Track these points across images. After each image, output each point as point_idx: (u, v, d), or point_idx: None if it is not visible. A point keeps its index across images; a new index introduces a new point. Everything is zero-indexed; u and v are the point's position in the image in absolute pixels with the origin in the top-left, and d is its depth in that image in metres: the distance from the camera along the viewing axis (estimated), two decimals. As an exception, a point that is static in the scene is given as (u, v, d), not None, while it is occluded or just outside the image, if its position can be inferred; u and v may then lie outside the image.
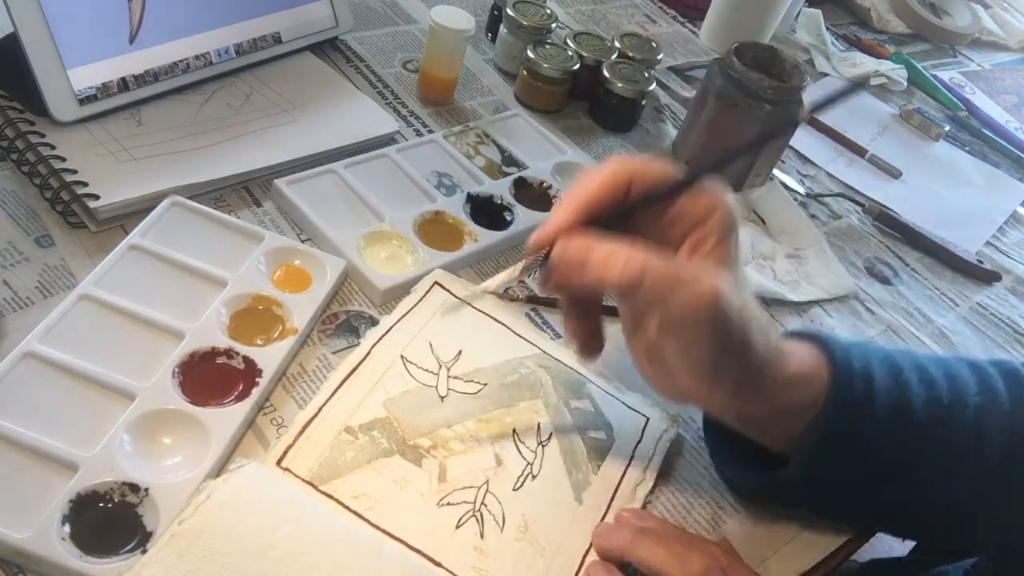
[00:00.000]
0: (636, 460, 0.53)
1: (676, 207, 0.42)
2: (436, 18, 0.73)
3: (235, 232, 0.59)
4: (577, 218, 0.42)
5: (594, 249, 0.40)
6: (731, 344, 0.41)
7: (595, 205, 0.42)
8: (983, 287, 0.85)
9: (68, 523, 0.41)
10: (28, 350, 0.47)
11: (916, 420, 0.46)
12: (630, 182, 0.42)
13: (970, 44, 1.36)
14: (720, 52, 1.04)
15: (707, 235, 0.41)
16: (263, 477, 0.45)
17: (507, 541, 0.47)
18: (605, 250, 0.40)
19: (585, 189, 0.42)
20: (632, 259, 0.39)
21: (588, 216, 0.42)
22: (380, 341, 0.54)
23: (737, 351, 0.41)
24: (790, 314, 0.71)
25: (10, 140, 0.58)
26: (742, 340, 0.41)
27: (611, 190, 0.42)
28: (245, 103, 0.69)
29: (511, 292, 0.63)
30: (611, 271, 0.40)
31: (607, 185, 0.42)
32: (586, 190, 0.42)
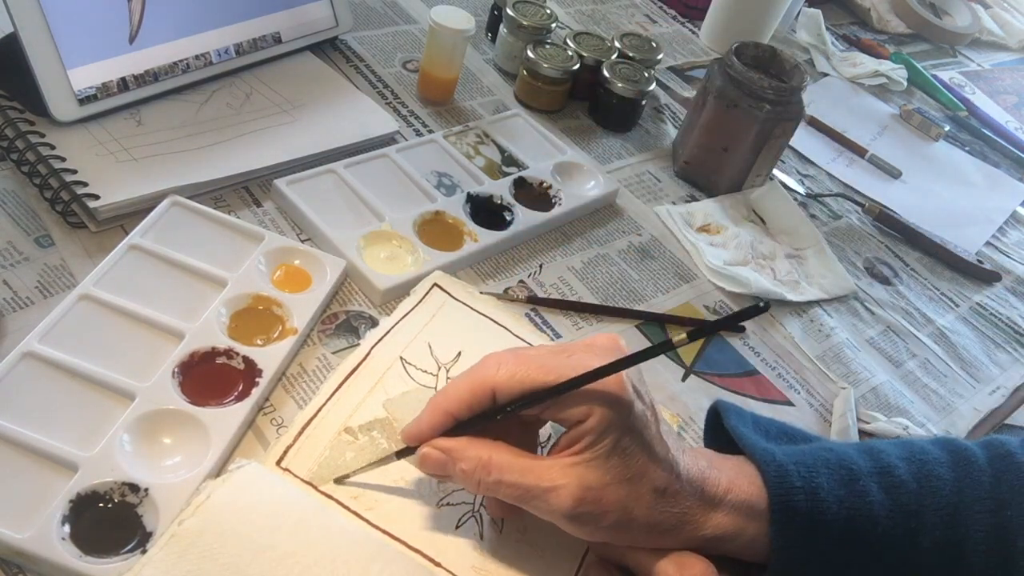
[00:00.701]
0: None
1: (552, 410, 0.42)
2: (436, 18, 0.73)
3: (235, 232, 0.59)
4: (435, 427, 0.44)
5: (450, 464, 0.43)
6: (611, 526, 0.42)
7: (455, 414, 0.43)
8: (983, 287, 0.85)
9: (68, 523, 0.41)
10: (28, 350, 0.47)
11: (879, 530, 0.44)
12: (493, 393, 0.42)
13: (970, 44, 1.36)
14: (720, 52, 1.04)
15: (581, 435, 0.42)
16: (263, 477, 0.45)
17: (507, 541, 0.47)
18: (460, 467, 0.42)
19: (446, 398, 0.43)
20: (483, 481, 0.42)
21: (448, 423, 0.44)
22: (380, 342, 0.54)
23: (624, 527, 0.42)
24: (790, 314, 0.71)
25: (10, 140, 0.58)
26: (624, 521, 0.42)
27: (471, 402, 0.43)
28: (245, 103, 0.69)
29: (511, 292, 0.63)
30: (469, 486, 0.43)
31: (466, 397, 0.43)
32: (447, 399, 0.43)
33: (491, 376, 0.42)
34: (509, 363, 0.42)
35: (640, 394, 0.43)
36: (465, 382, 0.43)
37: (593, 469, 0.41)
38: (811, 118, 1.00)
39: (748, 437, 0.47)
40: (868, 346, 0.72)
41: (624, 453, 0.42)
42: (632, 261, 0.71)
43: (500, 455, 0.42)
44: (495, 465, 0.42)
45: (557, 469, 0.42)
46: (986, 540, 0.45)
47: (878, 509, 0.45)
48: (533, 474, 0.42)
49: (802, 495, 0.44)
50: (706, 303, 0.69)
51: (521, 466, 0.42)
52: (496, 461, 0.42)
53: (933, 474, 0.46)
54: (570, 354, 0.43)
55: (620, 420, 0.41)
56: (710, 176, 0.81)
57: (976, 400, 0.70)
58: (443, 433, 0.44)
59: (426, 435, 0.44)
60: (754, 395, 0.63)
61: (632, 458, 0.42)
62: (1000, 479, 0.47)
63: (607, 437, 0.41)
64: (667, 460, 0.43)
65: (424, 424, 0.44)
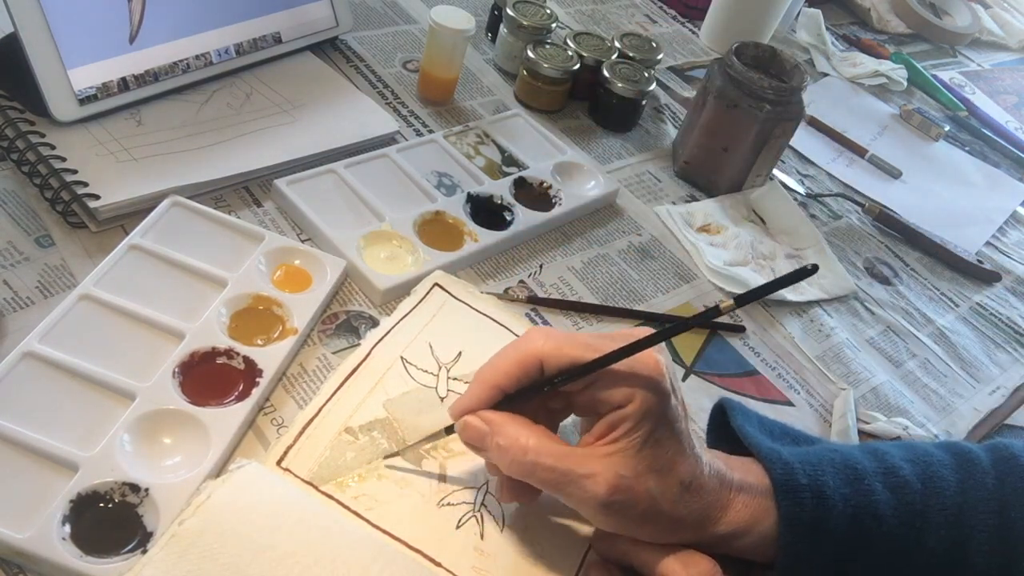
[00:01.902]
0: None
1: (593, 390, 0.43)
2: (436, 18, 0.73)
3: (235, 232, 0.59)
4: (484, 400, 0.44)
5: (488, 437, 0.43)
6: (638, 517, 0.42)
7: (503, 387, 0.43)
8: (983, 287, 0.85)
9: (68, 523, 0.41)
10: (28, 350, 0.47)
11: (884, 529, 0.45)
12: (541, 364, 0.43)
13: (970, 44, 1.36)
14: (720, 52, 1.04)
15: (620, 420, 0.42)
16: (263, 477, 0.45)
17: (507, 542, 0.47)
18: (497, 442, 0.42)
19: (494, 370, 0.44)
20: (518, 460, 0.42)
21: (496, 397, 0.44)
22: (380, 342, 0.54)
23: (650, 520, 0.43)
24: (790, 314, 0.71)
25: (10, 140, 0.58)
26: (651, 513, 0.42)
27: (519, 374, 0.43)
28: (245, 103, 0.69)
29: (511, 292, 0.63)
30: (502, 464, 0.43)
31: (514, 370, 0.43)
32: (495, 372, 0.44)
33: (538, 347, 0.42)
34: (555, 336, 0.43)
35: (675, 388, 0.44)
36: (513, 354, 0.43)
37: (628, 458, 0.42)
38: (811, 118, 1.00)
39: (754, 436, 0.48)
40: (868, 346, 0.72)
41: (657, 444, 0.42)
42: (632, 261, 0.71)
43: (539, 438, 0.42)
44: (532, 447, 0.42)
45: (593, 457, 0.42)
46: (990, 541, 0.45)
47: (883, 508, 0.45)
48: (570, 460, 0.42)
49: (808, 493, 0.44)
50: (706, 303, 0.69)
51: (559, 451, 0.42)
52: (534, 444, 0.42)
53: (937, 475, 0.47)
54: (611, 339, 0.44)
55: (659, 408, 0.42)
56: (710, 176, 0.81)
57: (976, 400, 0.70)
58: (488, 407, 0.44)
59: (471, 409, 0.44)
60: (754, 395, 0.63)
61: (664, 449, 0.42)
62: (1004, 481, 0.47)
63: (644, 426, 0.42)
64: (694, 455, 0.44)
65: (471, 397, 0.44)
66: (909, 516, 0.45)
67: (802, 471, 0.45)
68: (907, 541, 0.45)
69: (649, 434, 0.42)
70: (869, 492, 0.45)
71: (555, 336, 0.43)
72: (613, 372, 0.42)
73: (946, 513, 0.46)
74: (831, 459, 0.47)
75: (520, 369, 0.43)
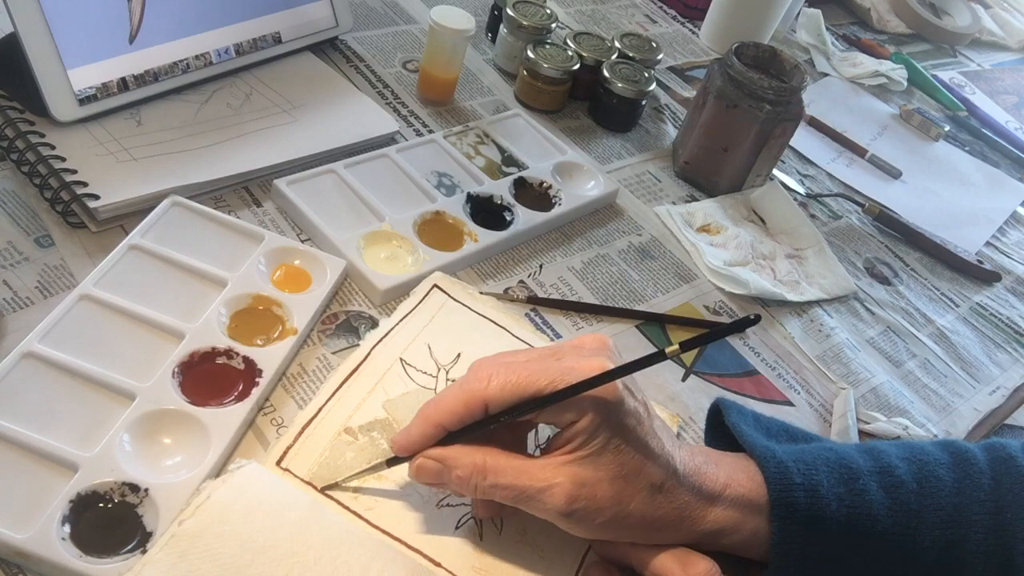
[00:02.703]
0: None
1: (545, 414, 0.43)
2: (436, 18, 0.73)
3: (235, 232, 0.59)
4: (428, 438, 0.44)
5: (445, 472, 0.43)
6: (607, 522, 0.42)
7: (447, 426, 0.43)
8: (983, 287, 0.85)
9: (68, 523, 0.41)
10: (28, 350, 0.47)
11: (878, 528, 0.45)
12: (485, 406, 0.43)
13: (970, 44, 1.36)
14: (720, 52, 1.04)
15: (574, 435, 0.42)
16: (263, 477, 0.45)
17: (506, 542, 0.47)
18: (456, 474, 0.43)
19: (438, 410, 0.43)
20: (480, 485, 0.42)
21: (440, 435, 0.44)
22: (380, 343, 0.54)
23: (623, 524, 0.43)
24: (790, 314, 0.71)
25: (10, 140, 0.58)
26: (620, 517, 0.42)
27: (463, 414, 0.43)
28: (245, 103, 0.69)
29: (511, 292, 0.63)
30: (465, 492, 0.43)
31: (459, 409, 0.43)
32: (439, 411, 0.43)
33: (482, 390, 0.42)
34: (500, 374, 0.42)
35: (631, 391, 0.44)
36: (457, 394, 0.43)
37: (586, 466, 0.42)
38: (811, 118, 1.00)
39: (748, 434, 0.47)
40: (868, 346, 0.72)
41: (617, 450, 0.42)
42: (632, 261, 0.71)
43: (494, 458, 0.42)
44: (490, 469, 0.42)
45: (551, 468, 0.42)
46: (986, 541, 0.45)
47: (878, 508, 0.45)
48: (527, 475, 0.42)
49: (802, 491, 0.44)
50: (706, 303, 0.69)
51: (515, 467, 0.42)
52: (491, 465, 0.42)
53: (933, 475, 0.47)
54: (559, 357, 0.43)
55: (611, 418, 0.42)
56: (710, 176, 0.81)
57: (976, 400, 0.70)
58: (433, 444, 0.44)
59: (417, 447, 0.44)
60: (754, 395, 0.63)
61: (625, 455, 0.42)
62: (1000, 482, 0.47)
63: (599, 435, 0.42)
64: (662, 455, 0.43)
65: (415, 435, 0.44)
66: (904, 516, 0.45)
67: (796, 470, 0.45)
68: (902, 541, 0.45)
69: (606, 442, 0.42)
70: (864, 491, 0.45)
71: (500, 374, 0.42)
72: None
73: (942, 513, 0.46)
74: (826, 458, 0.47)
75: (465, 409, 0.43)
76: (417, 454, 0.44)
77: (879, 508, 0.45)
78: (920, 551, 0.45)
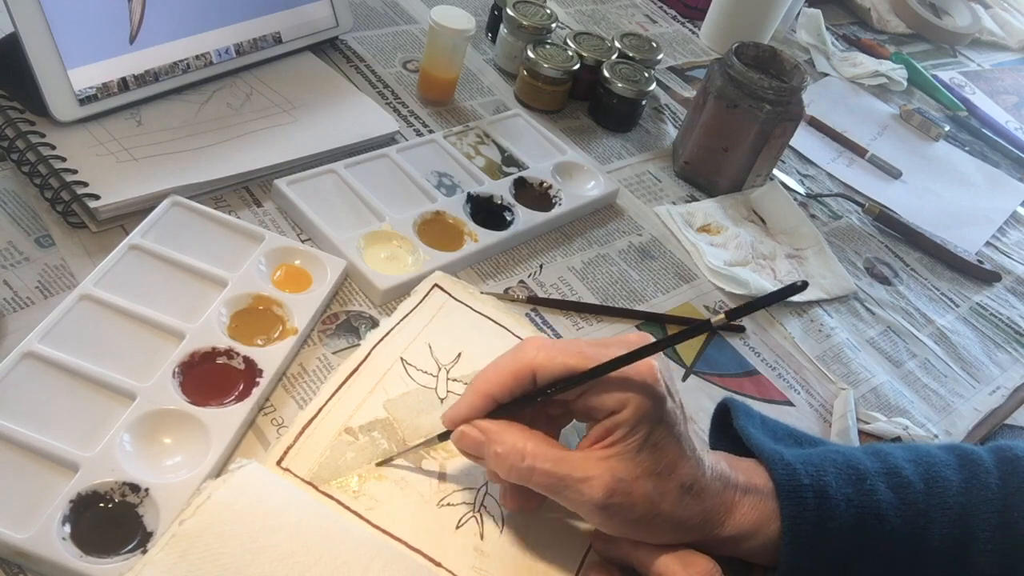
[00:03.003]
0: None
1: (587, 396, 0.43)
2: (436, 18, 0.73)
3: (235, 232, 0.59)
4: (477, 409, 0.44)
5: (485, 446, 0.43)
6: (638, 520, 0.42)
7: (496, 397, 0.44)
8: (983, 287, 0.85)
9: (68, 523, 0.41)
10: (28, 350, 0.47)
11: (887, 528, 0.45)
12: (534, 375, 0.43)
13: (970, 44, 1.36)
14: (720, 52, 1.04)
15: (615, 426, 0.42)
16: (263, 477, 0.45)
17: (507, 542, 0.47)
18: (495, 450, 0.43)
19: (488, 380, 0.44)
20: (516, 467, 0.42)
21: (489, 406, 0.44)
22: (380, 343, 0.54)
23: (651, 522, 0.43)
24: (790, 314, 0.71)
25: (10, 140, 0.58)
26: (650, 515, 0.42)
27: (512, 384, 0.43)
28: (245, 103, 0.69)
29: (511, 292, 0.63)
30: (500, 470, 0.43)
31: (508, 380, 0.43)
32: (488, 382, 0.44)
33: (531, 358, 0.43)
34: (548, 347, 0.43)
35: (671, 392, 0.44)
36: (507, 364, 0.43)
37: (624, 462, 0.42)
38: (811, 118, 1.00)
39: (757, 437, 0.48)
40: (868, 346, 0.72)
41: (655, 447, 0.42)
42: (632, 261, 0.71)
43: (535, 443, 0.42)
44: (530, 452, 0.42)
45: (590, 461, 0.42)
46: (993, 540, 0.45)
47: (886, 508, 0.45)
48: (567, 464, 0.42)
49: (810, 492, 0.44)
50: (706, 303, 0.69)
51: (555, 456, 0.42)
52: (531, 449, 0.42)
53: (940, 475, 0.47)
54: (606, 347, 0.44)
55: (653, 413, 0.42)
56: (710, 176, 0.81)
57: (976, 400, 0.70)
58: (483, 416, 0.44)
59: (465, 418, 0.44)
60: (754, 395, 0.63)
61: (662, 452, 0.42)
62: (1007, 481, 0.47)
63: (640, 430, 0.42)
64: (694, 457, 0.44)
65: (464, 407, 0.44)
66: (912, 515, 0.45)
67: (804, 471, 0.45)
68: (910, 540, 0.45)
69: (646, 438, 0.42)
70: (872, 492, 0.45)
71: (549, 346, 0.43)
72: (606, 378, 0.42)
73: (949, 512, 0.46)
74: (833, 460, 0.47)
75: (513, 379, 0.43)
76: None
77: (887, 508, 0.45)
78: (928, 550, 0.45)
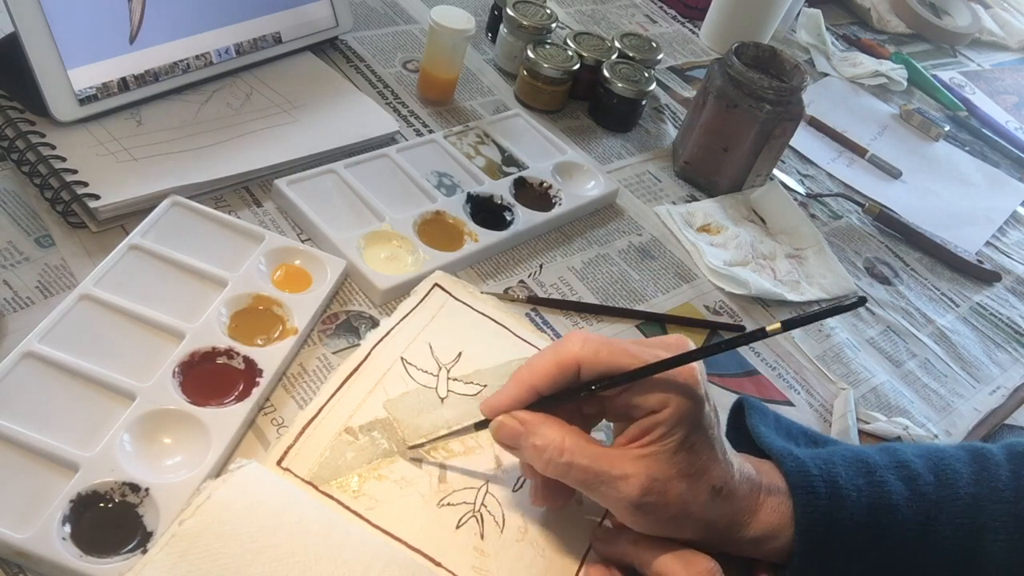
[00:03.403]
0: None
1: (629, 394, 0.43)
2: (436, 18, 0.73)
3: (235, 232, 0.59)
4: (519, 400, 0.44)
5: (524, 437, 0.43)
6: (669, 519, 0.43)
7: (540, 389, 0.44)
8: (983, 287, 0.85)
9: (68, 523, 0.41)
10: (28, 350, 0.47)
11: (898, 519, 0.45)
12: (578, 369, 0.43)
13: (970, 44, 1.36)
14: (720, 52, 1.04)
15: (654, 425, 0.42)
16: (263, 477, 0.45)
17: (507, 542, 0.47)
18: (533, 442, 0.43)
19: (532, 372, 0.44)
20: (554, 461, 0.42)
21: (532, 398, 0.44)
22: (380, 342, 0.54)
23: (680, 522, 0.43)
24: (790, 314, 0.71)
25: (10, 140, 0.58)
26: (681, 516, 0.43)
27: (556, 376, 0.44)
28: (245, 103, 0.69)
29: (511, 292, 0.63)
30: (537, 463, 0.43)
31: (552, 372, 0.43)
32: (532, 373, 0.44)
33: (577, 351, 0.43)
34: (594, 342, 0.43)
35: (708, 396, 0.44)
36: (551, 356, 0.44)
37: (661, 462, 0.42)
38: (811, 118, 1.00)
39: (768, 436, 0.48)
40: (868, 346, 0.72)
41: (691, 449, 0.42)
42: (632, 261, 0.71)
43: (574, 438, 0.43)
44: (568, 447, 0.42)
45: (627, 459, 0.42)
46: (1005, 529, 0.46)
47: (897, 498, 0.45)
48: (604, 461, 0.42)
49: (821, 483, 0.45)
50: (706, 303, 0.69)
51: (593, 452, 0.43)
52: (569, 444, 0.42)
53: (950, 468, 0.47)
54: (649, 347, 0.44)
55: (693, 415, 0.42)
56: (710, 176, 0.81)
57: (976, 400, 0.70)
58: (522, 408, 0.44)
59: (506, 408, 0.44)
60: (754, 395, 0.63)
61: (696, 455, 0.43)
62: (1019, 474, 0.48)
63: (678, 431, 0.42)
64: (725, 460, 0.44)
65: (506, 396, 0.44)
66: (923, 506, 0.46)
67: (814, 464, 0.46)
68: (922, 531, 0.45)
69: (683, 439, 0.42)
70: (882, 483, 0.46)
71: (595, 340, 0.43)
72: (650, 378, 0.42)
73: (960, 503, 0.46)
74: (843, 455, 0.47)
75: (558, 371, 0.43)
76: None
77: (898, 498, 0.45)
78: (940, 540, 0.46)
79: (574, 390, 0.44)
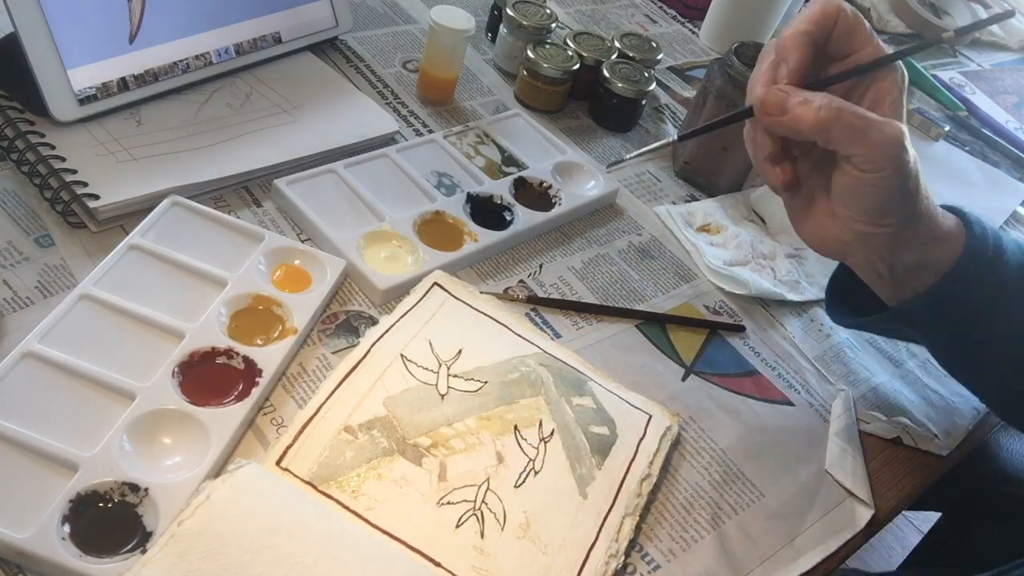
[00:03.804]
0: (640, 455, 0.53)
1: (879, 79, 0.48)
2: (436, 18, 0.73)
3: (235, 232, 0.59)
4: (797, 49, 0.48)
5: (793, 95, 0.47)
6: (906, 185, 0.47)
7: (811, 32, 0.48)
8: (983, 287, 0.84)
9: (68, 523, 0.41)
10: (28, 350, 0.47)
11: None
12: (837, 17, 0.48)
13: (970, 44, 1.36)
14: (720, 52, 1.04)
15: (884, 94, 0.48)
16: (263, 477, 0.45)
17: (508, 540, 0.47)
18: (803, 97, 0.46)
19: (798, 19, 0.48)
20: (827, 104, 0.45)
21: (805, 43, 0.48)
22: (380, 340, 0.54)
23: (910, 193, 0.48)
24: (790, 314, 0.71)
25: (10, 140, 0.58)
26: (915, 184, 0.48)
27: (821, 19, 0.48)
28: (245, 103, 0.69)
29: (511, 292, 0.63)
30: (807, 114, 0.46)
31: (818, 15, 0.48)
32: (799, 19, 0.48)
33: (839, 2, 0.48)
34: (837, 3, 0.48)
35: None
36: (814, 4, 0.48)
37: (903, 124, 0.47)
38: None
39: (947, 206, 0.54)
40: (868, 346, 0.72)
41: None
42: (632, 261, 0.71)
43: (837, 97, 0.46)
44: (837, 101, 0.45)
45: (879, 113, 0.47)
46: None
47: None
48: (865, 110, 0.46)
49: (990, 232, 0.52)
50: (706, 303, 0.69)
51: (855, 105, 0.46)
52: (838, 100, 0.45)
53: None
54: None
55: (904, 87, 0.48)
56: (710, 176, 0.81)
57: (976, 400, 0.70)
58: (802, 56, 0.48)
59: (785, 50, 0.48)
60: (754, 395, 0.63)
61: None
62: None
63: (902, 97, 0.48)
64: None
65: (783, 41, 0.48)
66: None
67: (991, 230, 0.52)
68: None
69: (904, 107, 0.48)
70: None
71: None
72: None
73: None
74: (1008, 234, 0.53)
75: (822, 14, 0.47)
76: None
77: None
78: None
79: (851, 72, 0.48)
